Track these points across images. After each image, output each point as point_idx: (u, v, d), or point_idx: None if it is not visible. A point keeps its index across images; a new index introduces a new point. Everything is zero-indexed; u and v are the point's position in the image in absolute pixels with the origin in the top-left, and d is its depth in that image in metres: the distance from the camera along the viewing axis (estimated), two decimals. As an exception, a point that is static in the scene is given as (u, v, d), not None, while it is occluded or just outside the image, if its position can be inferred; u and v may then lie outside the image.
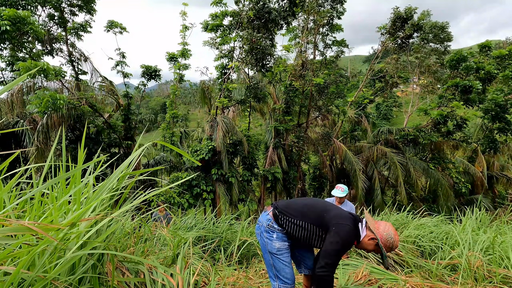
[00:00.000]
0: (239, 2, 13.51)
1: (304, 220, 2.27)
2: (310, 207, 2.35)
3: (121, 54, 14.06)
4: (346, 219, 2.20)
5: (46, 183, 1.42)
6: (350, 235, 2.15)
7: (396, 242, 2.17)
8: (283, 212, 2.34)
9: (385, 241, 2.15)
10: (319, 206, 2.36)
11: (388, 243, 2.15)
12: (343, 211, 2.32)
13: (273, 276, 2.35)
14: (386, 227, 2.20)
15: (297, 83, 14.31)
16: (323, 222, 2.23)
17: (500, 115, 15.78)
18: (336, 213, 2.26)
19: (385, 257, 2.19)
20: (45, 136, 10.61)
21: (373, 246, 2.19)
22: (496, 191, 17.87)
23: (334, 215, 2.24)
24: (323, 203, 2.42)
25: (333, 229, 2.16)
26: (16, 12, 9.14)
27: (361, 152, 16.07)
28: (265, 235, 2.36)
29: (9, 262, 1.35)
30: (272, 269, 2.35)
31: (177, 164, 15.02)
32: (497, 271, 2.97)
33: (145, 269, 1.92)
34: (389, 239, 2.16)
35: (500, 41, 58.47)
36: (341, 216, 2.23)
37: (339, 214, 2.25)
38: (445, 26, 15.64)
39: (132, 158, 1.88)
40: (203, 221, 4.76)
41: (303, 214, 2.30)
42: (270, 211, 2.42)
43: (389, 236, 2.16)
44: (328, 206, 2.37)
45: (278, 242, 2.32)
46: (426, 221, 5.07)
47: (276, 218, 2.35)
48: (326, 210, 2.30)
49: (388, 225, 2.22)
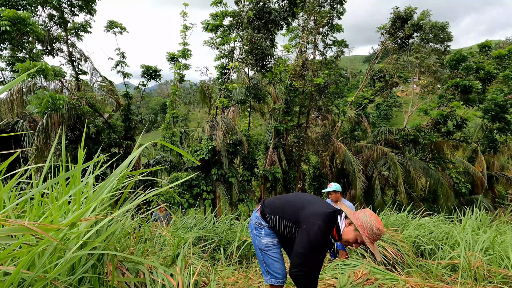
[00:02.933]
0: (239, 2, 13.51)
1: (284, 217, 2.30)
2: (291, 203, 2.35)
3: (121, 54, 14.06)
4: (319, 217, 2.10)
5: (46, 183, 1.42)
6: (318, 235, 2.04)
7: (375, 225, 1.98)
8: (267, 208, 2.40)
9: (361, 223, 2.01)
10: (298, 202, 2.32)
11: (366, 224, 2.00)
12: (321, 207, 2.20)
13: (264, 272, 2.42)
14: (364, 212, 2.09)
15: (297, 83, 14.31)
16: (297, 220, 2.21)
17: (500, 115, 15.77)
18: (311, 210, 2.18)
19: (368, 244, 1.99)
20: (45, 136, 10.61)
21: (353, 234, 2.05)
22: (496, 191, 17.86)
23: (308, 213, 2.16)
24: (304, 199, 2.36)
25: (303, 227, 2.11)
26: (16, 12, 9.14)
27: (361, 152, 16.07)
28: (255, 232, 2.44)
29: (9, 262, 1.35)
30: (263, 264, 2.42)
31: (177, 164, 15.01)
32: (497, 271, 2.97)
33: (145, 269, 1.92)
34: (366, 220, 2.01)
35: (500, 41, 58.47)
36: (314, 213, 2.14)
37: (314, 211, 2.16)
38: (445, 26, 15.66)
39: (132, 158, 1.88)
40: (203, 221, 4.76)
41: (283, 211, 2.33)
42: (258, 209, 2.50)
43: (365, 217, 2.03)
44: (307, 202, 2.29)
45: (266, 239, 2.38)
46: (426, 221, 5.07)
47: (263, 215, 2.42)
48: (303, 207, 2.24)
49: (367, 210, 2.11)
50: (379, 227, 2.00)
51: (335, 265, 3.40)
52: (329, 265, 3.48)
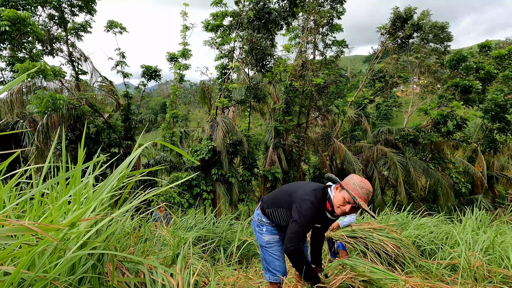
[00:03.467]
0: (239, 2, 13.52)
1: (280, 207, 2.33)
2: (283, 191, 2.40)
3: (121, 54, 14.07)
4: (309, 193, 2.14)
5: (46, 183, 1.42)
6: (310, 209, 2.08)
7: (361, 183, 1.99)
8: (265, 204, 2.45)
9: (348, 183, 2.02)
10: (291, 188, 2.36)
11: (352, 181, 2.02)
12: (311, 186, 2.24)
13: (265, 269, 2.44)
14: (350, 176, 2.11)
15: (297, 83, 14.31)
16: (290, 204, 2.23)
17: (500, 115, 15.77)
18: (301, 190, 2.21)
19: (358, 200, 1.97)
20: (45, 136, 10.61)
21: (342, 195, 2.03)
22: (496, 191, 17.86)
23: (299, 194, 2.20)
24: (295, 184, 2.40)
25: (296, 205, 2.15)
26: (16, 12, 9.14)
27: (361, 152, 16.07)
28: (257, 229, 2.48)
29: (9, 262, 1.35)
30: (263, 262, 2.44)
31: (177, 164, 15.01)
32: (497, 271, 2.97)
33: (145, 269, 1.92)
34: (352, 179, 2.03)
35: (500, 41, 58.43)
36: (304, 191, 2.18)
37: (303, 192, 2.19)
38: (445, 26, 15.65)
39: (132, 158, 1.88)
40: (203, 221, 4.76)
41: (278, 201, 2.36)
42: (259, 206, 2.55)
43: (352, 179, 2.04)
44: (298, 186, 2.33)
45: (267, 236, 2.41)
46: (426, 221, 5.07)
47: (263, 211, 2.46)
48: (294, 190, 2.27)
49: (353, 175, 2.13)
50: (366, 185, 2.01)
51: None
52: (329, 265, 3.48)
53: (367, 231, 4.04)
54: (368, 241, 3.90)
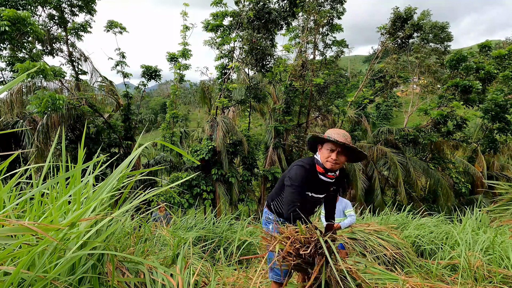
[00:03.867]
0: (239, 2, 13.52)
1: (279, 194, 2.42)
2: (279, 181, 2.49)
3: (121, 54, 14.06)
4: (296, 163, 2.28)
5: (46, 183, 1.42)
6: (298, 172, 2.19)
7: (333, 129, 2.21)
8: (270, 198, 2.53)
9: (326, 133, 2.21)
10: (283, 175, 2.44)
11: (326, 133, 2.21)
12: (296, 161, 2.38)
13: (269, 268, 2.47)
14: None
15: (297, 83, 14.31)
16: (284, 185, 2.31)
17: (500, 115, 15.76)
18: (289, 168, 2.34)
19: (335, 137, 2.12)
20: (45, 136, 10.61)
21: (325, 149, 2.16)
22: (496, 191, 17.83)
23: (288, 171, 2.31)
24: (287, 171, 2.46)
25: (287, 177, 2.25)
26: (16, 12, 9.14)
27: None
28: (264, 228, 2.54)
29: (9, 262, 1.35)
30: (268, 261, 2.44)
31: (177, 164, 15.02)
32: (497, 271, 2.97)
33: (145, 269, 1.92)
34: (326, 132, 2.22)
35: (500, 41, 58.41)
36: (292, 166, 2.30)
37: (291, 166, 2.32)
38: (445, 26, 15.66)
39: (132, 158, 1.88)
40: (203, 221, 4.76)
41: (276, 190, 2.47)
42: (265, 205, 2.62)
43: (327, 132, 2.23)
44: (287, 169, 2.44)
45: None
46: (426, 221, 5.07)
47: (269, 208, 2.53)
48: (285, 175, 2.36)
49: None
50: (339, 129, 2.21)
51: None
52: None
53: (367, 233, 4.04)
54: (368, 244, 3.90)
